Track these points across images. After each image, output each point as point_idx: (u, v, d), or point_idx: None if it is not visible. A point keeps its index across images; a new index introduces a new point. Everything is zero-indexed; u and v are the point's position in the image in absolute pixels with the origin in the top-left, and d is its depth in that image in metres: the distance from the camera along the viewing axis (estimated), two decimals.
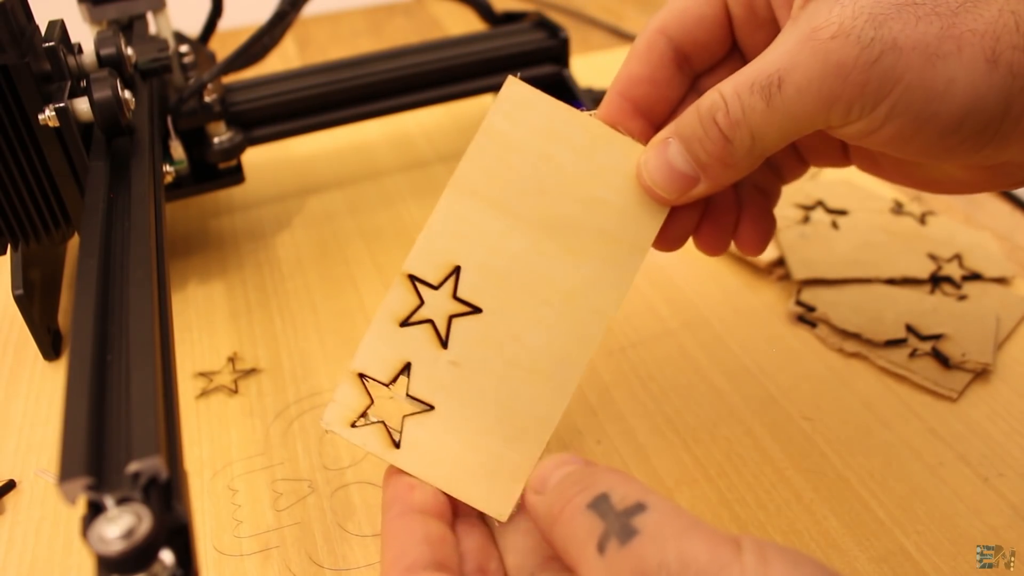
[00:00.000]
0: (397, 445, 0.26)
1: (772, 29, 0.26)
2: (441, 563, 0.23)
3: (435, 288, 0.26)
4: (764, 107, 0.23)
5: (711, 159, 0.24)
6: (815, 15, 0.22)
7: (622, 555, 0.19)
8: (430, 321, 0.26)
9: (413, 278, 0.26)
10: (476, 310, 0.26)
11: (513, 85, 0.27)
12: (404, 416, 0.26)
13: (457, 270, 0.26)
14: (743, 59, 0.28)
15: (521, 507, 0.25)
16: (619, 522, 0.20)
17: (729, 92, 0.23)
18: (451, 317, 0.26)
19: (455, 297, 0.26)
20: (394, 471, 0.26)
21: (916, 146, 0.22)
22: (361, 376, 0.26)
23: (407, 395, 0.26)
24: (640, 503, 0.20)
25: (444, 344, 0.26)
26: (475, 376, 0.26)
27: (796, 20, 0.23)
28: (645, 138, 0.27)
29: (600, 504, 0.20)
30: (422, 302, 0.26)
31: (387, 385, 0.26)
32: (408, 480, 0.26)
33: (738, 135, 0.23)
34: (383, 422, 0.26)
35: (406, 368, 0.26)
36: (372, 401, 0.26)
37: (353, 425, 0.26)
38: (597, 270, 0.26)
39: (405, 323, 0.26)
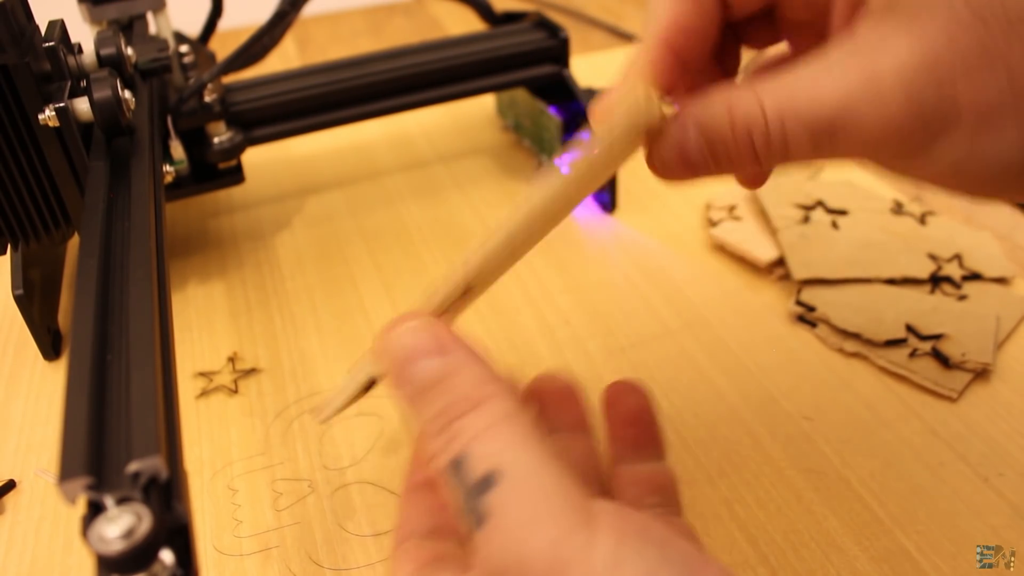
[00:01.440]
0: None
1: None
2: (439, 528, 0.23)
3: None
4: (810, 151, 0.21)
5: (730, 162, 0.23)
6: (882, 49, 0.20)
7: (476, 544, 0.18)
8: None
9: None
10: None
11: None
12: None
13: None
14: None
15: None
16: (470, 503, 0.18)
17: (774, 115, 0.21)
18: None
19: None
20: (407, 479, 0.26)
21: (973, 181, 0.21)
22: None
23: None
24: (490, 473, 0.18)
25: None
26: None
27: (857, 40, 0.21)
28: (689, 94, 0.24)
29: (457, 469, 0.18)
30: None
31: None
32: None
33: (770, 158, 0.22)
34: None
35: None
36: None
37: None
38: None
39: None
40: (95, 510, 0.17)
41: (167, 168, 0.40)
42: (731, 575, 0.17)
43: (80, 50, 0.37)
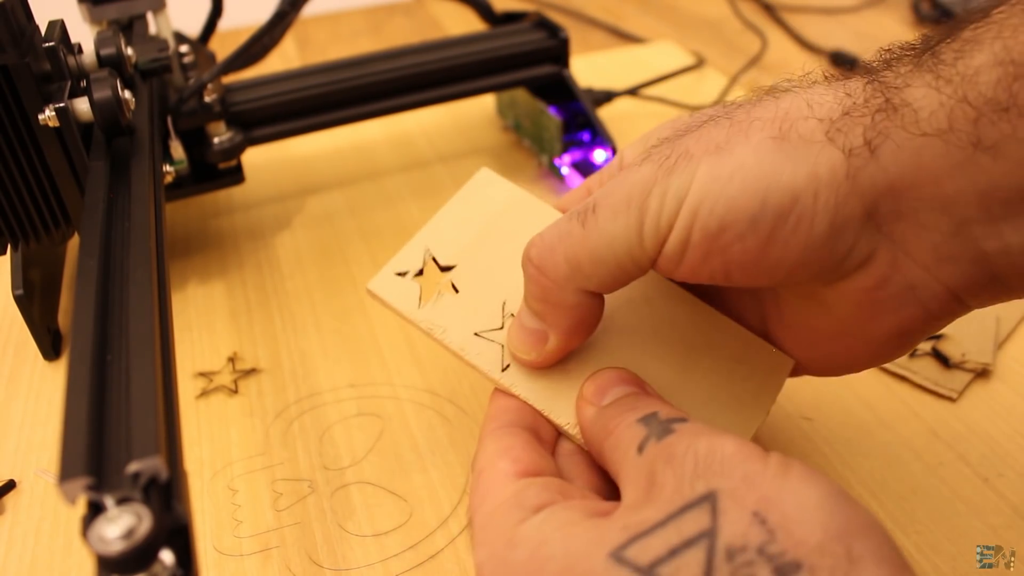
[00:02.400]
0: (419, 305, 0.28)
1: None
2: (535, 431, 0.25)
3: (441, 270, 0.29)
4: (580, 231, 0.23)
5: (540, 303, 0.25)
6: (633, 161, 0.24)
7: (657, 448, 0.21)
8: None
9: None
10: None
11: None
12: (440, 290, 0.28)
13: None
14: None
15: None
16: (660, 427, 0.22)
17: (547, 228, 0.24)
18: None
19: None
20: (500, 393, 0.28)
21: (740, 249, 0.22)
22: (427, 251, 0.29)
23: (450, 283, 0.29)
24: (683, 417, 0.22)
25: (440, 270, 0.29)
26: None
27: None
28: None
29: (648, 418, 0.22)
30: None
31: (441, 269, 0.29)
32: (509, 401, 0.27)
33: (550, 263, 0.24)
34: (420, 284, 0.29)
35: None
36: (421, 271, 0.29)
37: (398, 274, 0.29)
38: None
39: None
40: (95, 510, 0.17)
41: (167, 168, 0.40)
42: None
43: (80, 50, 0.37)
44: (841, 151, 0.21)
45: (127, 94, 0.34)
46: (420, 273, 0.29)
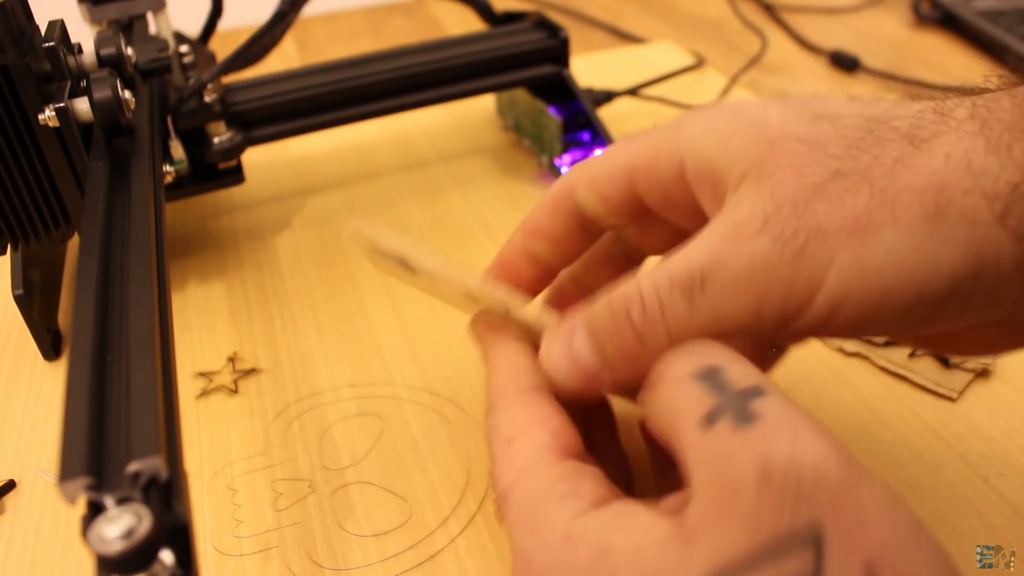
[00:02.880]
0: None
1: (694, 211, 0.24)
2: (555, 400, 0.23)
3: None
4: (686, 308, 0.20)
5: (619, 356, 0.22)
6: (738, 207, 0.20)
7: (740, 439, 0.17)
8: None
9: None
10: None
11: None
12: None
13: None
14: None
15: None
16: (736, 401, 0.18)
17: (647, 287, 0.21)
18: None
19: None
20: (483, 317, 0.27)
21: (888, 326, 0.20)
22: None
23: None
24: (758, 387, 0.18)
25: None
26: None
27: (722, 211, 0.21)
28: (534, 288, 0.27)
29: (711, 377, 0.19)
30: None
31: None
32: (531, 361, 0.25)
33: (653, 335, 0.21)
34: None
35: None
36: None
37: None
38: None
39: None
40: (95, 510, 0.17)
41: (167, 168, 0.40)
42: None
43: (80, 50, 0.37)
44: (1011, 234, 0.18)
45: (127, 94, 0.34)
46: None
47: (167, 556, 0.17)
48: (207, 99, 0.43)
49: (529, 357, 0.24)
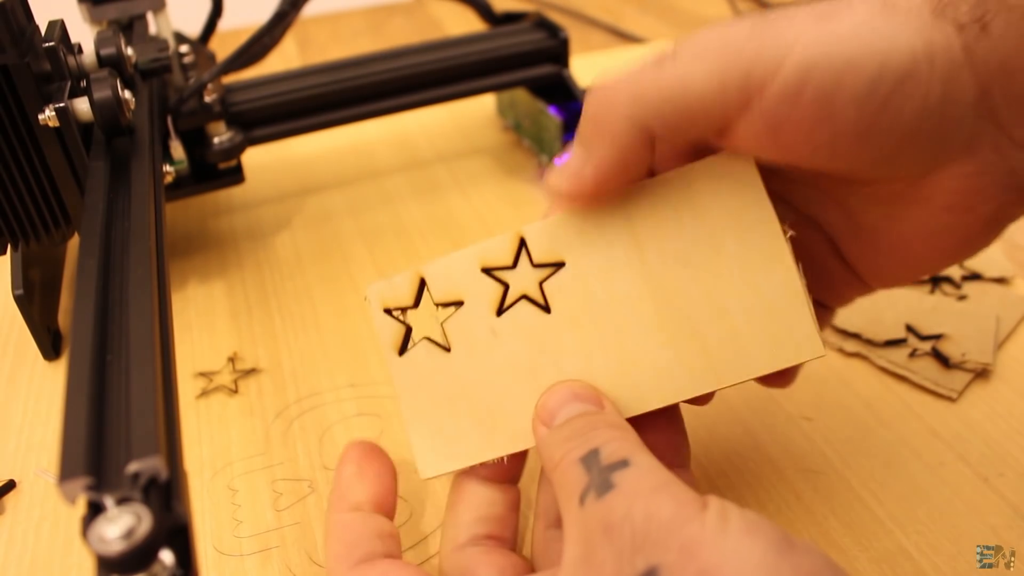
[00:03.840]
0: (401, 352, 0.27)
1: None
2: (392, 556, 0.25)
3: (533, 265, 0.26)
4: (654, 70, 0.22)
5: (590, 125, 0.23)
6: None
7: (595, 507, 0.20)
8: (506, 285, 0.26)
9: (523, 242, 0.26)
10: (546, 308, 0.26)
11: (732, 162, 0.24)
12: (423, 337, 0.27)
13: (559, 265, 0.26)
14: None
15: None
16: (600, 477, 0.21)
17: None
18: (522, 297, 0.26)
19: (540, 284, 0.26)
20: (348, 450, 0.28)
21: (856, 108, 0.20)
22: (422, 281, 0.27)
23: (440, 324, 0.27)
24: (624, 460, 0.21)
25: (499, 312, 0.26)
26: (500, 356, 0.26)
27: None
28: None
29: (589, 459, 0.21)
30: (514, 265, 0.26)
31: (436, 305, 0.27)
32: (351, 473, 0.27)
33: (612, 91, 0.23)
34: (408, 327, 0.27)
35: (457, 304, 0.27)
36: (415, 304, 0.27)
37: (386, 311, 0.27)
38: (669, 367, 0.25)
39: (486, 271, 0.26)
40: (95, 510, 0.17)
41: (167, 168, 0.40)
42: (814, 549, 0.18)
43: (80, 50, 0.37)
44: (952, 24, 0.20)
45: (127, 94, 0.34)
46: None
47: (167, 556, 0.17)
48: (207, 99, 0.43)
49: (357, 525, 0.25)
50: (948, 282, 0.40)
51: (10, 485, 0.33)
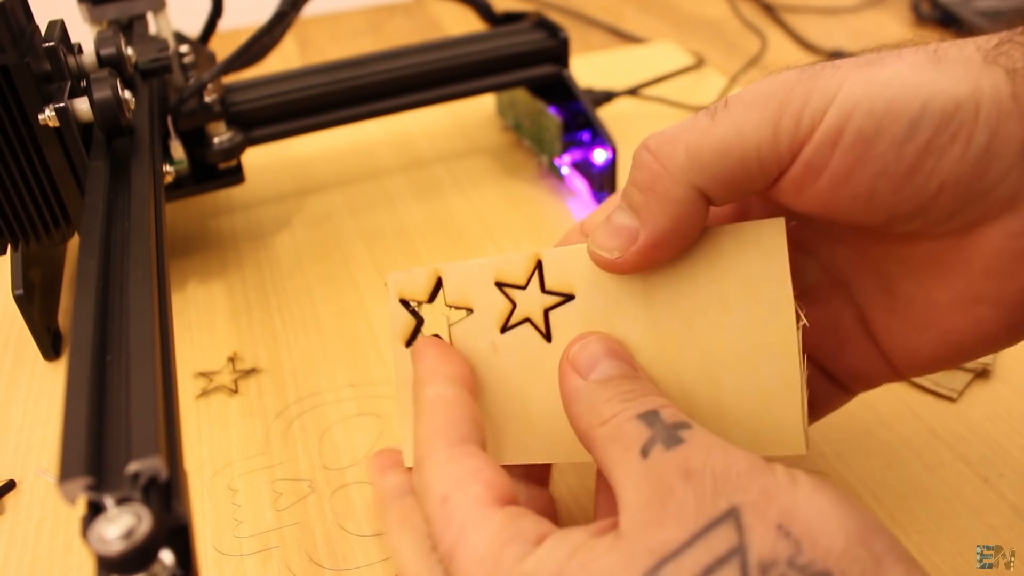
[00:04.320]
0: (408, 344, 0.28)
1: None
2: (483, 446, 0.24)
3: (543, 291, 0.26)
4: (707, 121, 0.22)
5: (644, 191, 0.22)
6: None
7: (666, 456, 0.20)
8: (514, 304, 0.26)
9: (539, 265, 0.26)
10: (547, 337, 0.26)
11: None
12: (432, 335, 0.27)
13: (569, 297, 0.26)
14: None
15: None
16: (666, 432, 0.20)
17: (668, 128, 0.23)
18: (525, 320, 0.26)
19: (545, 312, 0.26)
20: (427, 341, 0.27)
21: (895, 151, 0.20)
22: (439, 280, 0.27)
23: (448, 327, 0.27)
24: (686, 422, 0.21)
25: (503, 330, 0.26)
26: (497, 372, 0.27)
27: None
28: None
29: (650, 416, 0.21)
30: (526, 286, 0.26)
31: (447, 305, 0.27)
32: (446, 350, 0.26)
33: (668, 150, 0.22)
34: (420, 320, 0.28)
35: (467, 310, 0.27)
36: (429, 300, 0.27)
37: (402, 300, 0.28)
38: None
39: (499, 285, 0.27)
40: (95, 510, 0.17)
41: (167, 168, 0.40)
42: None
43: (80, 50, 0.37)
44: (1004, 70, 0.20)
45: (127, 94, 0.34)
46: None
47: (167, 556, 0.17)
48: (207, 99, 0.43)
49: (458, 404, 0.24)
50: None
51: (10, 485, 0.33)
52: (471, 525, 0.21)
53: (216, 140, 0.44)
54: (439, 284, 0.27)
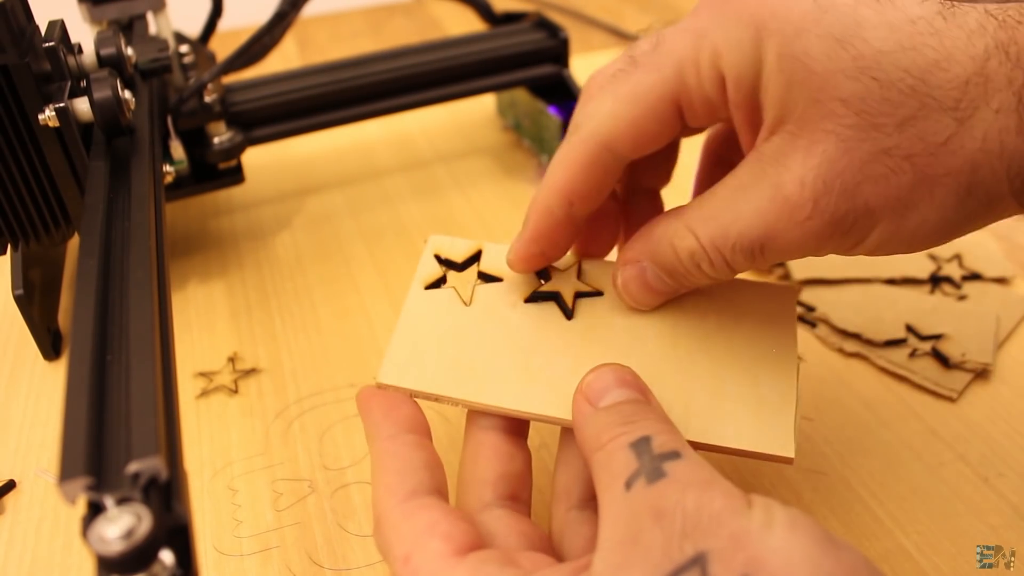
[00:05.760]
0: (428, 288, 0.29)
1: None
2: (439, 490, 0.24)
3: (578, 279, 0.29)
4: (748, 263, 0.24)
5: (691, 282, 0.26)
6: (784, 168, 0.22)
7: (645, 492, 0.20)
8: (543, 280, 0.29)
9: (579, 264, 0.30)
10: (569, 315, 0.28)
11: None
12: (452, 286, 0.29)
13: (599, 293, 0.29)
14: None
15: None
16: (651, 464, 0.21)
17: (711, 247, 0.24)
18: (556, 294, 0.29)
19: (575, 295, 0.29)
20: (370, 392, 0.27)
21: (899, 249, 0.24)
22: (479, 252, 0.30)
23: (473, 286, 0.29)
24: (675, 451, 0.21)
25: (527, 300, 0.29)
26: (509, 326, 0.28)
27: (761, 159, 0.23)
28: (570, 244, 0.28)
29: (640, 445, 0.22)
30: (564, 270, 0.29)
31: (479, 273, 0.30)
32: (391, 397, 0.26)
33: (720, 275, 0.25)
34: (446, 273, 0.30)
35: (497, 280, 0.29)
36: (462, 266, 0.30)
37: (436, 256, 0.30)
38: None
39: (534, 297, 0.29)
40: (95, 510, 0.17)
41: (167, 168, 0.40)
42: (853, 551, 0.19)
43: (80, 50, 0.37)
44: (1017, 200, 0.22)
45: (127, 94, 0.34)
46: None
47: (167, 556, 0.17)
48: (207, 99, 0.43)
49: (404, 453, 0.24)
50: (948, 282, 0.40)
51: (10, 485, 0.33)
52: None
53: (216, 140, 0.44)
54: (477, 255, 0.30)
